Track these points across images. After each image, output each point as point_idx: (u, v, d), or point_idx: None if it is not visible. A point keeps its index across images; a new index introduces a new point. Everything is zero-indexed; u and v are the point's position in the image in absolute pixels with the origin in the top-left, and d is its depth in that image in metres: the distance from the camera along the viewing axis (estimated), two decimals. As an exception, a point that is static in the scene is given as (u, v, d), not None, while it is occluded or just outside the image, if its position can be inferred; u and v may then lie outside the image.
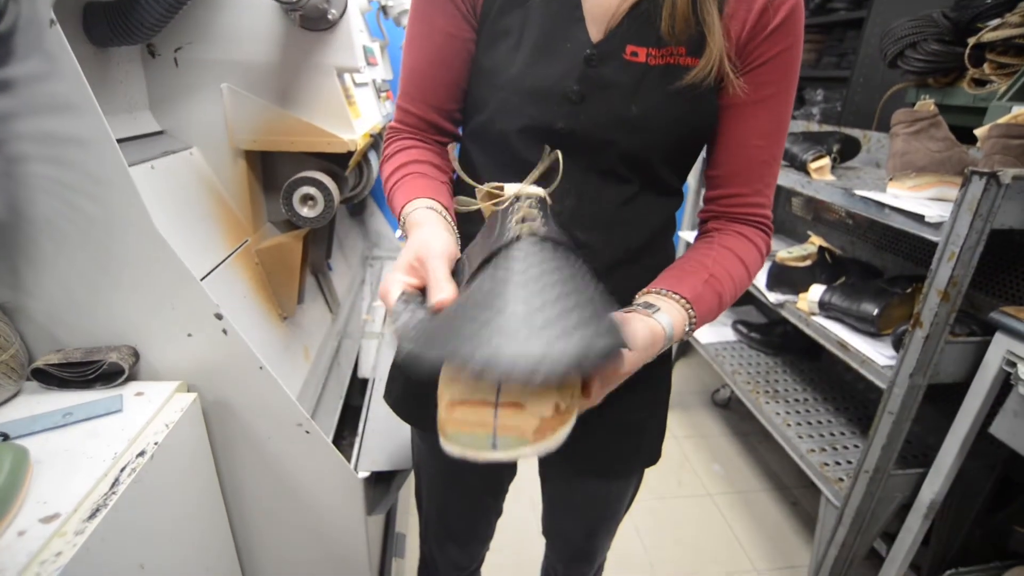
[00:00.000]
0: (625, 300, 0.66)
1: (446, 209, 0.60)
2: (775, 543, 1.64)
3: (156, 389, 0.73)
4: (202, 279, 0.80)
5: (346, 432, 1.29)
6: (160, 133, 0.92)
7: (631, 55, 0.56)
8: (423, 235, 0.52)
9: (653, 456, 0.77)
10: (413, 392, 0.76)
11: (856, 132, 1.55)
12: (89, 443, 0.63)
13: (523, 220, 0.46)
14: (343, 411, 1.25)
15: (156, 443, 0.64)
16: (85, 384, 0.72)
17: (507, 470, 0.85)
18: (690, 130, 0.60)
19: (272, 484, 0.84)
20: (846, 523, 1.20)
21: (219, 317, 0.73)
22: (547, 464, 0.86)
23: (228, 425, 0.79)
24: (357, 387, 1.38)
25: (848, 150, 1.45)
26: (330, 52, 0.93)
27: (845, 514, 1.20)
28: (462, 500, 0.87)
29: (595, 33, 0.57)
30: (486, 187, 0.54)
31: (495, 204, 0.52)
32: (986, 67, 1.37)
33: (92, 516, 0.55)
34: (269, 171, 1.06)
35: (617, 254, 0.64)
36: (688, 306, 0.57)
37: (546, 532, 0.97)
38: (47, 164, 0.66)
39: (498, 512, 0.90)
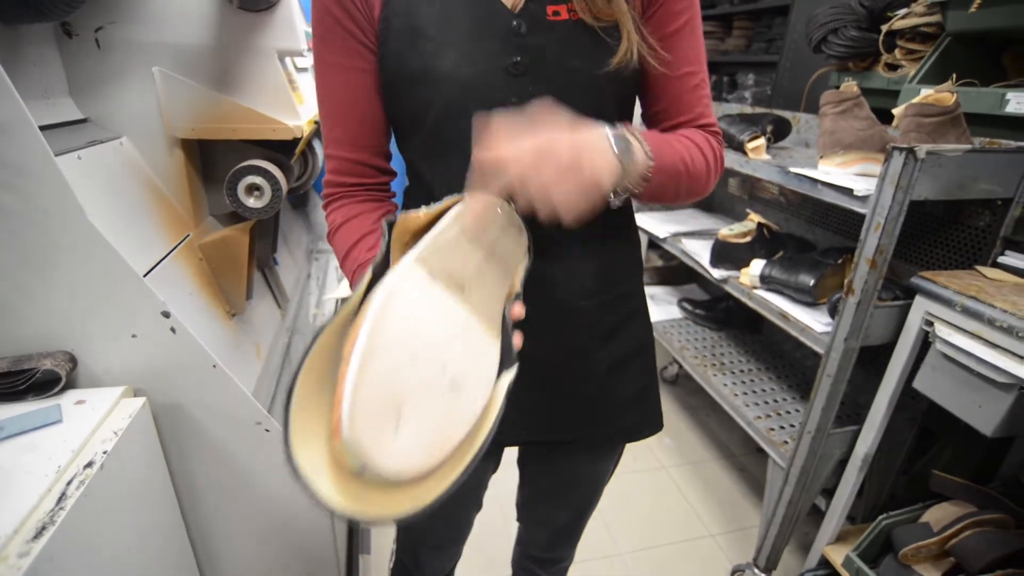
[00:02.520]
0: (604, 284, 0.68)
1: None
2: (726, 508, 1.73)
3: (99, 396, 0.68)
4: (144, 276, 0.75)
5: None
6: (84, 121, 0.85)
7: (553, 15, 0.58)
8: None
9: (659, 420, 0.79)
10: None
11: (786, 113, 1.64)
12: (26, 458, 0.58)
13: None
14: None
15: (105, 452, 0.60)
16: (15, 396, 0.66)
17: (492, 465, 0.84)
18: (631, 72, 0.61)
19: (233, 488, 0.80)
20: (792, 482, 1.29)
21: (166, 315, 0.69)
22: (541, 451, 0.84)
23: (181, 429, 0.75)
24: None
25: (780, 131, 1.53)
26: (270, 34, 0.89)
27: (791, 474, 1.28)
28: (450, 510, 0.86)
29: (511, 2, 0.58)
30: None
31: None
32: (897, 52, 1.48)
33: (37, 536, 0.50)
34: (208, 161, 1.00)
35: (592, 240, 0.66)
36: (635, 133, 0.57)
37: (526, 518, 0.97)
38: (-43, 154, 0.59)
39: (479, 507, 0.90)
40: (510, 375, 0.43)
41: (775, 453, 1.34)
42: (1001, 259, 1.07)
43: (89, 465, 0.58)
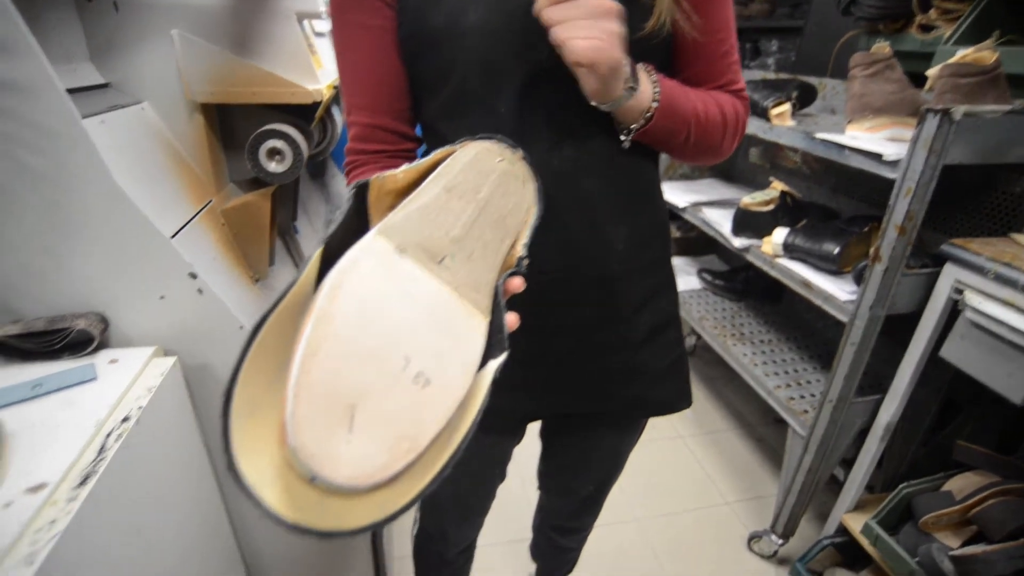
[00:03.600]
0: (634, 250, 0.67)
1: None
2: (743, 477, 1.74)
3: (131, 355, 0.69)
4: (171, 238, 0.76)
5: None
6: (105, 86, 0.85)
7: None
8: None
9: (689, 394, 0.78)
10: None
11: (812, 79, 1.59)
12: (66, 413, 0.60)
13: None
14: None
15: (140, 408, 0.62)
16: (51, 355, 0.68)
17: (517, 437, 0.85)
18: (664, 37, 0.59)
19: (260, 448, 0.82)
20: (811, 450, 1.29)
21: (193, 276, 0.70)
22: (565, 424, 0.84)
23: (209, 389, 0.77)
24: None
25: (805, 97, 1.49)
26: (288, -5, 0.88)
27: (811, 442, 1.28)
28: (475, 481, 0.87)
29: None
30: None
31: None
32: (932, 12, 1.42)
33: (82, 483, 0.52)
34: (226, 127, 1.00)
35: (621, 202, 0.65)
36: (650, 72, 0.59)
37: (548, 489, 0.98)
38: (-14, 115, 0.60)
39: (503, 478, 0.91)
40: (497, 362, 0.37)
41: (795, 422, 1.34)
42: (1037, 225, 1.03)
43: (126, 419, 0.60)
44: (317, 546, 0.95)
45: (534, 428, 0.89)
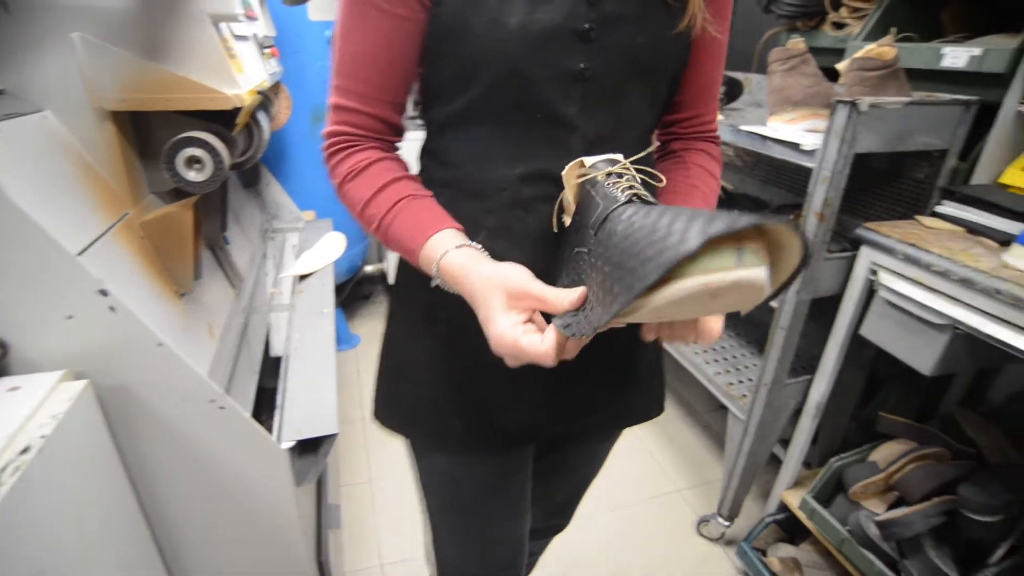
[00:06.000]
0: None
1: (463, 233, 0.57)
2: (691, 463, 1.79)
3: (35, 381, 0.65)
4: (78, 255, 0.72)
5: (263, 416, 1.22)
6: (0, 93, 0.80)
7: None
8: (491, 271, 0.49)
9: (663, 400, 0.79)
10: (434, 400, 0.69)
11: (738, 74, 1.65)
12: (-41, 446, 0.56)
13: (630, 188, 0.48)
14: (258, 394, 1.18)
15: (43, 436, 0.58)
16: (-56, 385, 0.63)
17: (525, 458, 0.79)
18: (680, 65, 0.62)
19: (188, 467, 0.79)
20: (751, 433, 1.34)
21: (104, 293, 0.66)
22: (557, 435, 0.79)
23: (129, 411, 0.73)
24: (269, 368, 1.31)
25: (733, 91, 1.55)
26: (199, -4, 0.84)
27: (750, 425, 1.33)
28: (507, 505, 0.80)
29: None
30: (569, 167, 0.53)
31: (582, 176, 0.52)
32: (843, 10, 1.50)
33: (-25, 521, 0.49)
34: (144, 136, 0.95)
35: None
36: None
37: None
38: None
39: (527, 511, 0.83)
40: None
41: (734, 406, 1.39)
42: (938, 208, 1.11)
43: (25, 451, 0.56)
44: (252, 568, 0.91)
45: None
